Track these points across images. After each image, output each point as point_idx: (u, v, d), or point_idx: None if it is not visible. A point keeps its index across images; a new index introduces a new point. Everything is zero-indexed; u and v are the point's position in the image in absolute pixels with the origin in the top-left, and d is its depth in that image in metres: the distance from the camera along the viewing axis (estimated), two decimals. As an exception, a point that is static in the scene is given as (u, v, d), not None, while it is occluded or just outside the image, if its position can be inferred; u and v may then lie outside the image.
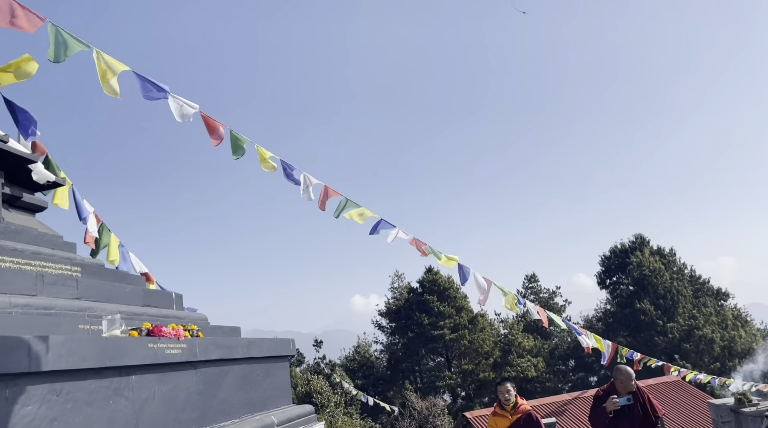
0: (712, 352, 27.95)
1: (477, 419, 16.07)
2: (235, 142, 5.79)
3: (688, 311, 29.73)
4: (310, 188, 6.66)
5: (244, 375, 4.41)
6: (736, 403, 6.04)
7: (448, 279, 35.01)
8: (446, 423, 25.17)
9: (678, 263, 34.10)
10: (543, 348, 33.94)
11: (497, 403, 6.80)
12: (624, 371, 5.99)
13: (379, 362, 36.88)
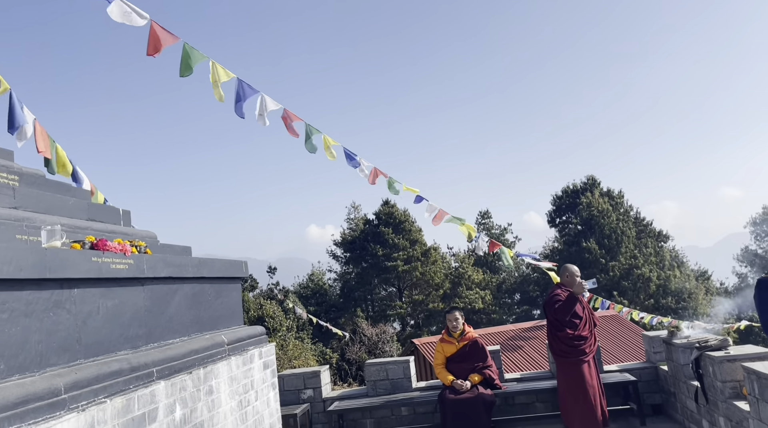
0: (648, 290, 29.53)
1: (424, 345, 16.67)
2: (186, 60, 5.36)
3: (630, 251, 31.08)
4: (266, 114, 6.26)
5: (195, 294, 4.34)
6: (668, 335, 6.38)
7: (404, 213, 35.34)
8: (395, 349, 26.07)
9: (625, 205, 35.28)
10: (491, 282, 35.11)
11: (445, 330, 7.00)
12: (571, 267, 6.56)
13: (332, 290, 37.50)
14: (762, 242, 36.44)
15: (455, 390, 6.49)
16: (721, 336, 5.56)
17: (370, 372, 7.50)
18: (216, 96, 5.53)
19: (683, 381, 6.02)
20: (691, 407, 5.91)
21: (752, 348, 5.22)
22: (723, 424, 5.12)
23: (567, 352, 6.21)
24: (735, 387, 4.97)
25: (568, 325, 6.27)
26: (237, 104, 5.85)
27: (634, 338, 16.30)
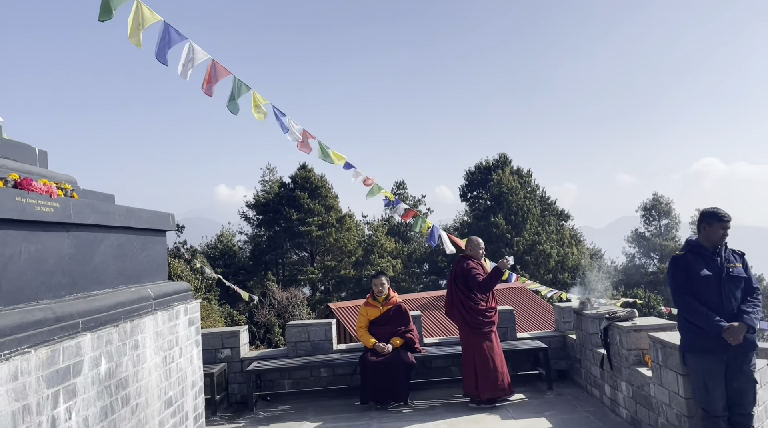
0: (548, 265, 31.34)
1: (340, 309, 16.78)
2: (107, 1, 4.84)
3: (534, 228, 32.73)
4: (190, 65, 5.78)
5: (121, 244, 4.06)
6: (579, 306, 6.78)
7: (321, 178, 35.06)
8: (304, 313, 26.12)
9: (532, 184, 36.99)
10: (402, 251, 35.81)
11: (370, 294, 7.06)
12: (477, 240, 6.87)
13: (242, 252, 36.75)
14: (650, 226, 39.58)
15: (377, 352, 6.60)
16: (627, 308, 5.99)
17: (291, 333, 7.45)
18: (134, 41, 5.05)
19: (590, 348, 6.45)
20: (594, 373, 6.36)
21: (655, 320, 5.66)
22: (624, 388, 5.56)
23: (481, 323, 6.45)
24: (638, 355, 5.39)
25: (485, 297, 6.54)
26: (160, 50, 5.41)
27: (537, 308, 17.33)
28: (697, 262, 4.23)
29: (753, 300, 4.15)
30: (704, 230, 4.29)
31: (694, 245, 4.33)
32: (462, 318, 6.48)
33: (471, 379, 6.42)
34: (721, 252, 4.24)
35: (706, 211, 4.34)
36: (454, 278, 6.65)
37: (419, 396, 6.84)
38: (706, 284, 4.16)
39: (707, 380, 4.11)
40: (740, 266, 4.23)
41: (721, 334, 4.00)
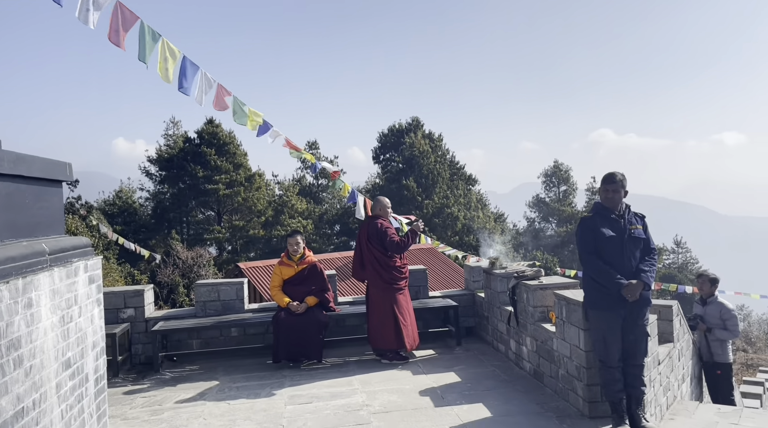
0: (455, 228, 32.33)
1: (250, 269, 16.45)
2: None
3: (443, 191, 33.54)
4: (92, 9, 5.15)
5: (10, 194, 3.66)
6: (489, 266, 7.01)
7: (229, 134, 33.75)
8: (211, 273, 25.41)
9: (443, 148, 37.70)
10: (314, 212, 35.54)
11: (285, 253, 6.93)
12: (386, 200, 6.92)
13: (143, 210, 34.93)
14: (550, 192, 41.78)
15: (290, 311, 6.52)
16: (534, 267, 6.27)
17: (200, 292, 7.18)
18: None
19: (498, 306, 6.73)
20: (501, 329, 6.65)
21: (560, 279, 5.97)
22: (529, 343, 5.85)
23: (398, 278, 6.60)
24: (544, 312, 5.68)
25: (400, 255, 6.68)
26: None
27: (447, 269, 17.89)
28: (602, 223, 4.47)
29: (650, 260, 4.46)
30: (600, 193, 4.58)
31: (600, 208, 4.56)
32: (378, 276, 6.53)
33: (383, 337, 6.51)
34: (624, 214, 4.50)
35: (603, 176, 4.60)
36: (367, 238, 6.66)
37: (333, 354, 6.86)
38: (609, 245, 4.41)
39: (606, 334, 4.40)
40: (641, 228, 4.51)
41: (621, 291, 4.28)
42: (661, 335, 5.68)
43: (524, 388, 5.48)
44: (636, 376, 4.41)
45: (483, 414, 4.82)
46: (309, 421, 4.82)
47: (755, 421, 5.08)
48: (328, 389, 5.68)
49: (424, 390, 5.50)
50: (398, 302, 6.55)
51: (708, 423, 5.01)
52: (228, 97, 6.72)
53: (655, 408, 4.95)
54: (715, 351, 7.09)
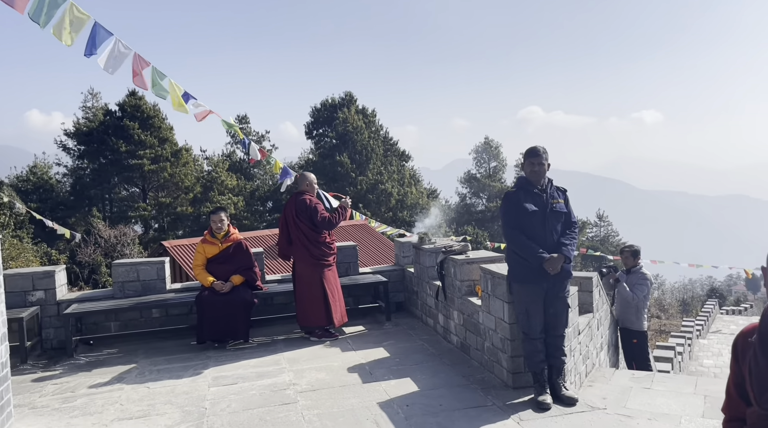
0: (389, 204, 32.49)
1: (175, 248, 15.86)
2: None
3: (377, 167, 33.53)
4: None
5: None
6: (418, 241, 7.02)
7: (153, 107, 32.25)
8: (136, 252, 24.41)
9: (376, 124, 37.59)
10: (245, 188, 34.74)
11: (208, 231, 6.66)
12: (312, 175, 6.78)
13: (61, 186, 33.03)
14: (481, 168, 42.63)
15: (215, 291, 6.30)
16: (462, 242, 6.32)
17: (118, 272, 6.82)
18: None
19: (426, 281, 6.76)
20: (430, 303, 6.70)
21: (486, 253, 6.05)
22: (456, 317, 5.91)
23: (328, 254, 6.52)
24: (470, 286, 5.73)
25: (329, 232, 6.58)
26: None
27: (378, 244, 17.93)
28: (525, 198, 4.51)
29: (571, 234, 4.55)
30: (525, 167, 4.61)
31: (524, 182, 4.60)
32: (307, 252, 6.41)
33: (318, 311, 6.41)
34: (546, 189, 4.55)
35: (527, 150, 4.63)
36: (295, 214, 6.50)
37: (260, 333, 6.71)
38: (532, 219, 4.46)
39: (529, 306, 4.48)
40: (562, 202, 4.58)
41: (542, 265, 4.35)
42: (581, 306, 5.88)
43: (451, 361, 5.55)
44: (557, 347, 4.52)
45: (410, 389, 4.83)
46: (233, 403, 4.68)
47: (666, 385, 5.36)
48: (254, 369, 5.54)
49: (353, 367, 5.46)
50: (327, 278, 6.48)
51: (623, 388, 5.24)
52: (146, 68, 6.28)
53: (575, 376, 5.12)
54: (629, 320, 7.44)
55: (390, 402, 4.56)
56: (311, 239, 6.45)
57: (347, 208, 6.73)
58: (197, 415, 4.46)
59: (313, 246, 6.44)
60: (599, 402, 4.57)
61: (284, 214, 6.64)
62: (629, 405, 4.85)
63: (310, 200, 6.52)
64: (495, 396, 4.59)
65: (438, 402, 4.51)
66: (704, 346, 15.77)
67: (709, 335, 17.65)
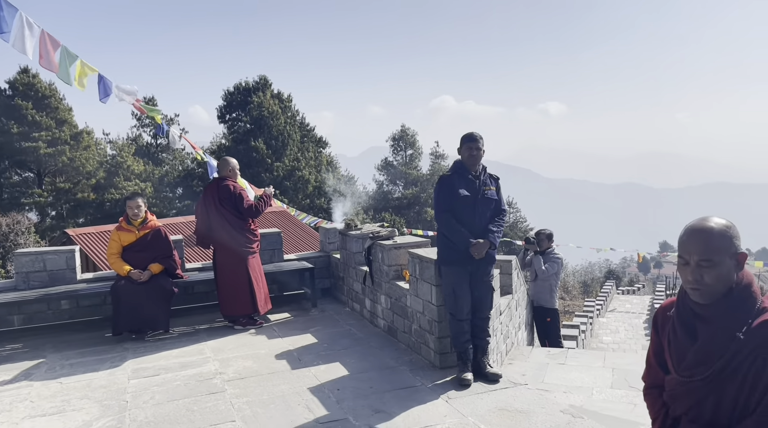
0: (306, 190, 32.18)
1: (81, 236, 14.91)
2: None
3: (294, 153, 33.04)
4: None
5: None
6: (345, 227, 7.04)
7: (49, 86, 29.97)
8: (32, 241, 22.74)
9: (293, 110, 36.94)
10: (153, 174, 33.17)
11: (124, 217, 6.33)
12: (234, 161, 6.61)
13: (-58, 170, 30.06)
14: (397, 155, 43.08)
15: (132, 280, 6.01)
16: (389, 228, 6.40)
17: (21, 262, 6.34)
18: None
19: (353, 267, 6.79)
20: (356, 289, 6.75)
21: (413, 238, 6.16)
22: (383, 301, 6.00)
23: (251, 242, 6.40)
24: (398, 270, 5.83)
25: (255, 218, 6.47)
26: None
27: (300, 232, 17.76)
28: (459, 182, 4.61)
29: (499, 221, 4.69)
30: (461, 152, 4.68)
31: (459, 167, 4.69)
32: (232, 240, 6.25)
33: (243, 299, 6.29)
34: (480, 175, 4.67)
35: (464, 135, 4.72)
36: (218, 200, 6.31)
37: (181, 323, 6.49)
38: (463, 204, 4.58)
39: (456, 288, 4.62)
40: (494, 189, 4.70)
41: (469, 249, 4.50)
42: (502, 287, 6.14)
43: (379, 345, 5.63)
44: (482, 328, 4.70)
45: (340, 373, 4.86)
46: (156, 394, 4.51)
47: (578, 360, 5.73)
48: (177, 359, 5.36)
49: (281, 354, 5.42)
50: (252, 265, 6.36)
51: (540, 364, 5.55)
52: (57, 48, 5.80)
53: (497, 354, 5.36)
54: (544, 298, 7.87)
55: (321, 386, 4.57)
56: (235, 226, 6.29)
57: (271, 196, 6.65)
58: (118, 409, 4.26)
59: (238, 233, 6.30)
60: (520, 378, 4.81)
61: (204, 200, 6.42)
62: (547, 380, 5.15)
63: (234, 187, 6.35)
64: (423, 377, 4.72)
65: (368, 385, 4.57)
66: (603, 324, 16.92)
67: (607, 313, 18.96)
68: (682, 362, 2.05)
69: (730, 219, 2.02)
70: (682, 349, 2.06)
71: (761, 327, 1.88)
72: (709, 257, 1.92)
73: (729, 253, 1.93)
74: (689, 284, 1.98)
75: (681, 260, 2.00)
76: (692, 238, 1.96)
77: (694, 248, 1.95)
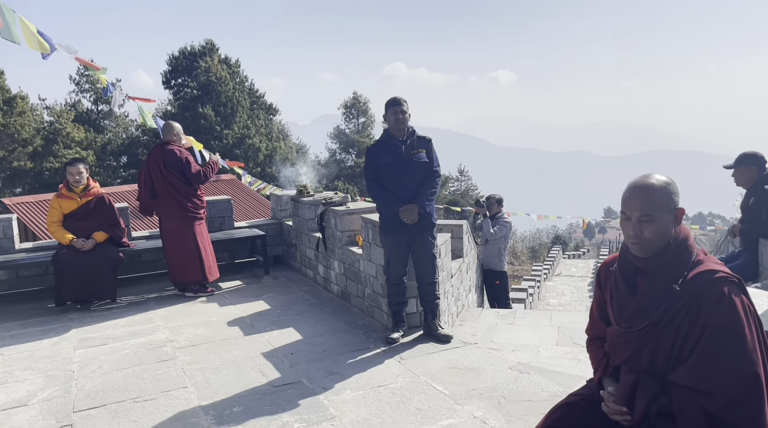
0: (257, 159, 31.61)
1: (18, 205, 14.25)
2: None
3: (243, 120, 32.28)
4: None
5: None
6: (297, 194, 6.98)
7: (-22, 46, 28.08)
8: (-34, 213, 21.62)
9: (241, 75, 35.94)
10: (95, 142, 31.85)
11: (64, 184, 6.08)
12: (178, 125, 6.45)
13: None
14: (350, 123, 42.67)
15: (75, 249, 5.81)
16: (341, 194, 6.38)
17: (-47, 232, 6.02)
18: None
19: (306, 233, 6.76)
20: (309, 255, 6.73)
21: (366, 204, 6.18)
22: (337, 267, 6.01)
23: (199, 208, 6.30)
24: (351, 236, 5.83)
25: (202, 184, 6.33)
26: None
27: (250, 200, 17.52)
28: (385, 150, 4.59)
29: (430, 183, 4.60)
30: (386, 118, 4.62)
31: (386, 135, 4.66)
32: (179, 206, 6.11)
33: (193, 267, 6.18)
34: (407, 140, 4.61)
35: (387, 100, 4.61)
36: (164, 166, 6.13)
37: (129, 292, 6.35)
38: (388, 170, 4.56)
39: (390, 255, 4.68)
40: (424, 152, 4.62)
41: (398, 215, 4.49)
42: (453, 251, 6.24)
43: (333, 309, 5.66)
44: (429, 292, 4.75)
45: (294, 338, 4.88)
46: (104, 363, 4.42)
47: (525, 320, 5.93)
48: (125, 328, 5.25)
49: (233, 321, 5.38)
50: (200, 232, 6.26)
51: (490, 325, 5.71)
52: None
53: (448, 316, 5.48)
54: (493, 261, 8.07)
55: (274, 351, 4.57)
56: (182, 193, 6.15)
57: (217, 163, 6.52)
58: (64, 379, 4.16)
59: (185, 200, 6.16)
60: (470, 338, 4.94)
61: (147, 166, 6.22)
62: (496, 339, 5.31)
63: (180, 152, 6.18)
64: (377, 339, 4.78)
65: (322, 348, 4.61)
66: (550, 287, 17.53)
67: (554, 277, 19.64)
68: (622, 314, 2.14)
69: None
70: (623, 302, 2.15)
71: (695, 279, 1.97)
72: (649, 212, 1.99)
73: (668, 209, 2.01)
74: (630, 238, 2.05)
75: (623, 216, 2.07)
76: (634, 194, 2.03)
77: (635, 204, 2.02)
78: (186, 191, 6.17)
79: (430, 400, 3.62)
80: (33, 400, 3.83)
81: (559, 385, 3.77)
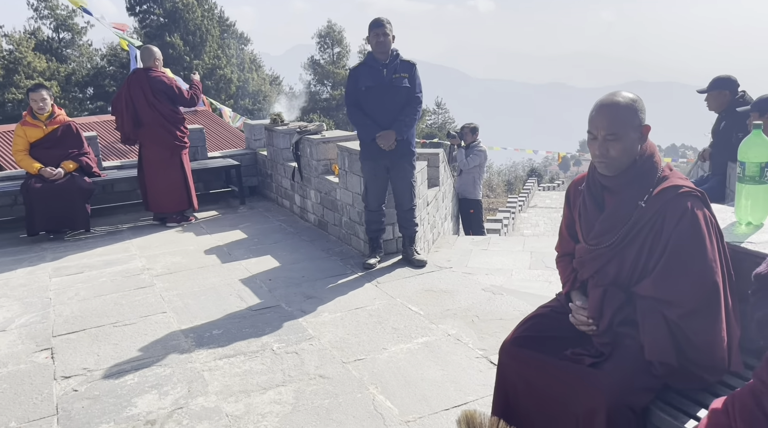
0: (229, 91, 30.78)
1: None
2: None
3: (214, 50, 31.17)
4: None
5: None
6: (270, 123, 6.86)
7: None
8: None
9: (210, 2, 34.40)
10: (59, 72, 30.56)
11: (28, 111, 5.87)
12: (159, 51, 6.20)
13: None
14: (324, 53, 41.45)
15: (44, 178, 5.68)
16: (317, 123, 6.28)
17: None
18: None
19: (281, 163, 6.70)
20: (285, 185, 6.70)
21: (341, 132, 6.10)
22: (313, 196, 6.01)
23: (185, 136, 6.21)
24: (327, 165, 5.80)
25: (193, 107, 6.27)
26: None
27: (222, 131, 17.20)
28: (366, 74, 4.48)
29: (409, 109, 4.52)
30: (369, 41, 4.49)
31: (368, 58, 4.53)
32: (167, 134, 6.00)
33: (179, 196, 6.14)
34: (389, 64, 4.49)
35: (370, 21, 4.47)
36: (151, 93, 5.93)
37: (103, 223, 6.30)
38: (369, 95, 4.47)
39: (368, 182, 4.68)
40: (406, 76, 4.51)
41: (375, 141, 4.46)
42: (429, 179, 6.25)
43: (310, 238, 5.70)
44: (407, 219, 4.79)
45: (271, 265, 4.93)
46: (81, 291, 4.43)
47: (500, 246, 6.05)
48: (101, 257, 5.24)
49: (210, 249, 5.40)
50: (187, 161, 6.23)
51: (465, 251, 5.83)
52: None
53: (425, 243, 5.56)
54: (468, 190, 8.15)
55: (252, 278, 4.63)
56: (171, 121, 6.03)
57: (200, 84, 6.37)
58: (41, 305, 4.17)
59: (174, 127, 6.04)
60: (445, 263, 5.05)
61: (129, 93, 5.98)
62: (470, 264, 5.43)
63: (162, 77, 5.99)
64: (354, 265, 4.86)
65: (300, 274, 4.67)
66: (525, 219, 17.83)
67: (529, 209, 19.95)
68: (590, 232, 2.19)
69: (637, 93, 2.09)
70: (591, 219, 2.19)
71: (660, 195, 2.01)
72: (614, 131, 2.00)
73: (633, 126, 2.02)
74: (597, 157, 2.07)
75: (590, 136, 2.08)
76: (600, 113, 2.04)
77: (601, 123, 2.03)
78: (175, 119, 6.05)
79: (406, 320, 3.73)
80: (11, 326, 3.86)
81: (531, 305, 3.90)
